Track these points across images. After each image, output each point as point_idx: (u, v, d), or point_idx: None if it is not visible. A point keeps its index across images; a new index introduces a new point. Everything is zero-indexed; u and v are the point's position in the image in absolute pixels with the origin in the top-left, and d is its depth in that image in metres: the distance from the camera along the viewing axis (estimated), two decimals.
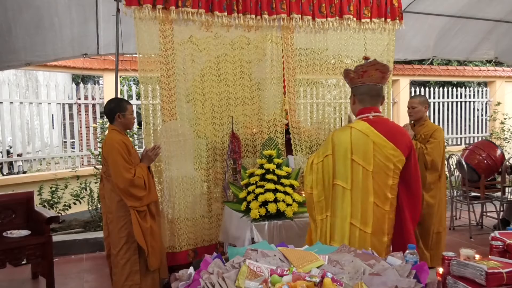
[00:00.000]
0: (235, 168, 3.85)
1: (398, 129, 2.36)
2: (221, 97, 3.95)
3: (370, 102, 2.35)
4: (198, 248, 3.86)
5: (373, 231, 2.27)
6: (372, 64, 2.32)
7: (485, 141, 5.99)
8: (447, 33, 5.64)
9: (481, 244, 4.81)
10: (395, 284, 1.46)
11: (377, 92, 2.36)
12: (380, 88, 2.37)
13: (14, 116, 6.71)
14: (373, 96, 2.35)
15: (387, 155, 2.24)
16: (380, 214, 2.27)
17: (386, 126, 2.31)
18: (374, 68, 2.31)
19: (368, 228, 2.26)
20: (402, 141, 2.28)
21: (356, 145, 2.29)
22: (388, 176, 2.26)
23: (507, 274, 1.47)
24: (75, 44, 4.87)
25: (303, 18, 3.99)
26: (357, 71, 2.37)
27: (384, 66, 2.32)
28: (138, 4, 3.51)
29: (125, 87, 8.48)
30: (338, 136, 2.36)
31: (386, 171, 2.25)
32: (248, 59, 4.04)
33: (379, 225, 2.28)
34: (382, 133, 2.26)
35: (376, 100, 2.36)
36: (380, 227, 2.29)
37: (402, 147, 2.26)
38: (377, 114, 2.34)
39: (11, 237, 3.71)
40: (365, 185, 2.27)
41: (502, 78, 9.66)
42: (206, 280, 1.48)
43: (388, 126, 2.32)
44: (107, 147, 3.23)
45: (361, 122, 2.33)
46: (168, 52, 3.73)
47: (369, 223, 2.26)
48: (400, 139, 2.28)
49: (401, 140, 2.28)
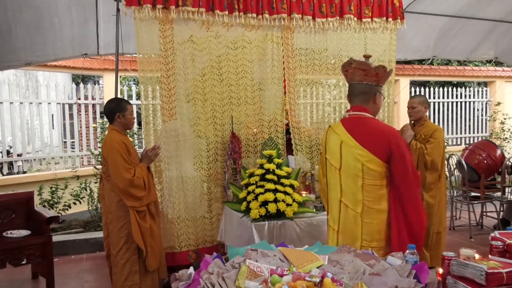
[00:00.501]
0: (235, 168, 3.85)
1: (376, 128, 2.24)
2: (221, 97, 3.95)
3: (354, 101, 2.34)
4: (200, 249, 3.86)
5: (340, 230, 2.29)
6: (350, 63, 2.32)
7: (485, 141, 5.99)
8: (447, 33, 5.64)
9: (481, 244, 4.81)
10: (395, 284, 1.46)
11: (360, 90, 2.30)
12: (366, 86, 2.29)
13: (14, 116, 6.70)
14: (356, 95, 2.32)
15: (355, 155, 2.21)
16: (350, 216, 2.24)
17: (359, 126, 2.25)
18: (352, 67, 2.30)
19: (336, 225, 2.30)
20: (374, 141, 2.19)
21: (328, 144, 2.37)
22: (357, 176, 2.21)
23: (507, 274, 1.47)
24: (75, 44, 4.87)
25: (304, 18, 3.99)
26: (342, 71, 2.41)
27: (361, 63, 2.29)
28: (138, 4, 3.51)
29: (125, 87, 8.48)
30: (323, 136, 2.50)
31: (354, 171, 2.22)
32: (249, 59, 4.03)
33: (349, 227, 2.25)
34: (351, 132, 2.25)
35: (360, 98, 2.30)
36: (351, 229, 2.24)
37: (373, 148, 2.18)
38: (356, 113, 2.29)
39: (11, 237, 3.70)
40: (334, 183, 2.32)
41: (502, 78, 9.66)
42: (206, 280, 1.48)
43: (361, 126, 2.25)
44: (106, 147, 3.23)
45: (339, 123, 2.38)
46: (168, 52, 3.73)
47: (336, 221, 2.30)
48: (373, 139, 2.20)
49: (373, 141, 2.20)
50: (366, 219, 2.21)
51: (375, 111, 2.32)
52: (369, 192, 2.20)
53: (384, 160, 2.18)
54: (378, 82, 2.29)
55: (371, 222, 2.20)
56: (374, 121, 2.28)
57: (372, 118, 2.28)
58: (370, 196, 2.20)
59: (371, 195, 2.20)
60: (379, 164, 2.18)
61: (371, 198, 2.20)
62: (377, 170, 2.18)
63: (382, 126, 2.29)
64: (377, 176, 2.19)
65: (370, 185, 2.20)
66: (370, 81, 2.28)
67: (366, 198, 2.20)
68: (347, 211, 2.25)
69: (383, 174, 2.20)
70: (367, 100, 2.29)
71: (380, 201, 2.21)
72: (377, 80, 2.28)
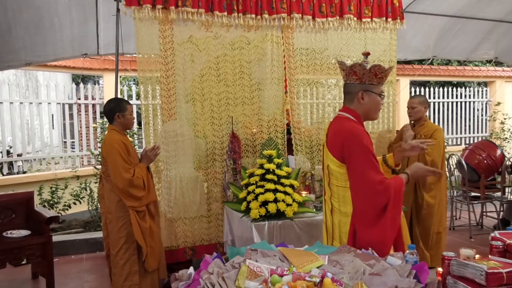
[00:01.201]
0: (235, 168, 3.85)
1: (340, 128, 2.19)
2: (220, 97, 3.95)
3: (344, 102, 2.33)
4: (197, 247, 3.87)
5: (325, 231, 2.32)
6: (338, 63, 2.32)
7: (485, 141, 5.99)
8: (447, 33, 5.64)
9: (481, 244, 4.81)
10: (395, 284, 1.46)
11: (345, 90, 2.29)
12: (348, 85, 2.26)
13: (14, 116, 6.71)
14: (344, 95, 2.32)
15: (325, 154, 2.25)
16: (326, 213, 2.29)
17: (335, 126, 2.25)
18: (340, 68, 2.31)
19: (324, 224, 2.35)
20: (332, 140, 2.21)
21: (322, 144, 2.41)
22: (326, 174, 2.25)
23: (507, 274, 1.47)
24: (75, 44, 4.87)
25: (304, 17, 3.99)
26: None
27: (340, 63, 2.27)
28: (138, 4, 3.51)
29: (125, 87, 8.48)
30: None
31: (325, 170, 2.27)
32: (248, 59, 4.03)
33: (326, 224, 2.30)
34: (328, 133, 2.28)
35: (345, 98, 2.29)
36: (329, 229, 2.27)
37: (331, 148, 2.19)
38: (339, 113, 2.28)
39: (11, 237, 3.71)
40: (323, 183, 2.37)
41: (502, 78, 9.66)
42: (206, 280, 1.48)
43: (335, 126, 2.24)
44: (106, 147, 3.23)
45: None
46: (167, 52, 3.73)
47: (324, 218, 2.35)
48: (333, 139, 2.20)
49: (332, 141, 2.20)
50: (335, 219, 2.21)
51: (364, 110, 2.22)
52: (335, 193, 2.20)
53: (339, 159, 2.14)
54: (361, 80, 2.21)
55: (339, 223, 2.19)
56: (347, 122, 2.20)
57: (347, 119, 2.21)
58: (336, 196, 2.20)
59: (337, 196, 2.19)
60: (337, 164, 2.15)
61: (337, 199, 2.20)
62: (337, 170, 2.16)
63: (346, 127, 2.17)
64: (339, 177, 2.16)
65: (334, 185, 2.20)
66: (351, 80, 2.24)
67: (333, 197, 2.22)
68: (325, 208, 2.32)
69: (346, 176, 2.15)
70: (351, 99, 2.25)
71: (345, 204, 2.16)
72: (358, 78, 2.21)
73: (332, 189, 2.22)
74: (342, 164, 2.14)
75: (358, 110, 2.22)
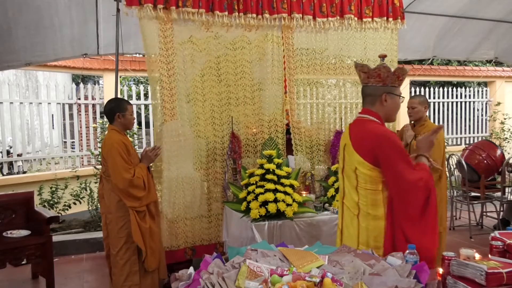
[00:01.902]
0: (235, 168, 3.85)
1: (368, 131, 2.18)
2: (221, 97, 3.95)
3: (363, 104, 2.32)
4: (197, 247, 3.87)
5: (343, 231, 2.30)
6: (355, 66, 2.32)
7: (485, 141, 5.99)
8: (447, 33, 5.64)
9: (481, 244, 4.81)
10: (395, 284, 1.46)
11: (366, 92, 2.28)
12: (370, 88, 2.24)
13: (14, 116, 6.70)
14: (364, 97, 2.31)
15: (350, 157, 2.23)
16: (349, 217, 2.23)
17: (358, 128, 2.24)
18: (358, 70, 2.30)
19: (340, 225, 2.33)
20: (361, 144, 2.18)
21: (340, 146, 2.39)
22: (353, 178, 2.21)
23: (507, 274, 1.47)
24: (75, 44, 4.87)
25: (304, 17, 3.99)
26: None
27: (362, 66, 2.26)
28: (139, 4, 3.51)
29: (125, 87, 8.48)
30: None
31: (351, 173, 2.23)
32: (249, 59, 4.03)
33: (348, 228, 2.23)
34: (351, 135, 2.26)
35: (366, 101, 2.28)
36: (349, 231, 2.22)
37: (360, 150, 2.16)
38: (361, 116, 2.27)
39: (11, 237, 3.71)
40: (340, 185, 2.36)
41: (502, 78, 9.66)
42: (206, 280, 1.48)
43: (360, 129, 2.24)
44: (106, 147, 3.23)
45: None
46: (168, 52, 3.73)
47: (340, 222, 2.33)
48: (361, 142, 2.18)
49: (361, 144, 2.18)
50: (363, 223, 2.17)
51: (387, 112, 2.23)
52: (363, 196, 2.16)
53: (371, 163, 2.12)
54: (384, 83, 2.22)
55: (366, 227, 2.15)
56: (372, 124, 2.20)
57: (372, 121, 2.20)
58: (365, 200, 2.16)
59: (366, 199, 2.15)
60: (368, 167, 2.13)
61: (366, 202, 2.15)
62: (368, 174, 2.13)
63: (376, 129, 2.17)
64: (369, 180, 2.14)
65: (363, 188, 2.16)
66: (374, 83, 2.23)
67: (361, 201, 2.17)
68: (348, 213, 2.26)
69: (377, 179, 2.13)
70: (373, 102, 2.24)
71: (375, 207, 2.14)
72: (381, 80, 2.21)
73: (361, 192, 2.17)
74: (374, 167, 2.12)
75: (380, 112, 2.22)
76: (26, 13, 4.11)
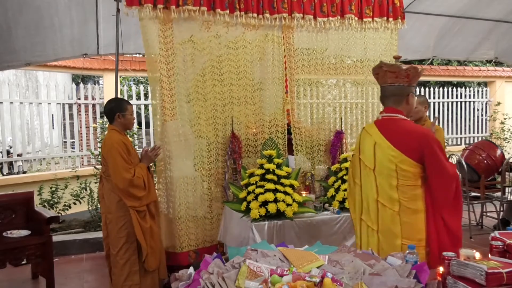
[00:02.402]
0: (235, 168, 3.85)
1: (408, 130, 2.27)
2: (221, 97, 3.95)
3: (386, 103, 2.39)
4: (200, 249, 3.85)
5: (380, 229, 2.30)
6: (380, 66, 2.36)
7: (485, 141, 5.99)
8: (447, 33, 5.64)
9: (481, 244, 4.80)
10: (395, 284, 1.46)
11: (392, 92, 2.34)
12: (397, 88, 2.32)
13: (14, 116, 6.70)
14: (387, 96, 2.37)
15: (387, 155, 2.25)
16: (388, 215, 2.26)
17: (392, 127, 2.30)
18: (383, 70, 2.34)
19: (374, 225, 2.31)
20: (404, 142, 2.23)
21: (362, 145, 2.40)
22: (391, 176, 2.24)
23: (507, 274, 1.47)
24: (75, 44, 4.86)
25: (305, 17, 4.00)
26: (373, 75, 2.45)
27: (391, 66, 2.32)
28: (139, 4, 3.51)
29: (125, 87, 8.48)
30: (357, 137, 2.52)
31: (388, 171, 2.25)
32: (249, 59, 4.03)
33: (387, 225, 2.26)
34: (384, 133, 2.29)
35: (391, 100, 2.35)
36: (388, 227, 2.26)
37: (404, 148, 2.21)
38: (388, 115, 2.34)
39: (11, 237, 3.70)
40: (369, 183, 2.33)
41: (502, 78, 9.66)
42: (206, 280, 1.48)
43: (394, 127, 2.30)
44: (106, 147, 3.23)
45: (372, 123, 2.42)
46: (168, 52, 3.73)
47: (374, 220, 2.31)
48: (405, 140, 2.24)
49: (404, 141, 2.23)
50: (404, 218, 2.23)
51: (408, 111, 2.36)
52: (404, 192, 2.23)
53: (416, 160, 2.21)
54: (410, 82, 2.31)
55: (408, 222, 2.22)
56: (407, 122, 2.31)
57: (405, 120, 2.32)
58: (405, 196, 2.23)
59: (406, 195, 2.23)
60: (412, 164, 2.21)
61: (407, 198, 2.23)
62: (411, 170, 2.21)
63: (414, 127, 2.30)
64: (411, 176, 2.22)
65: (404, 185, 2.23)
66: (401, 83, 2.31)
67: (402, 197, 2.24)
68: (385, 210, 2.27)
69: (418, 175, 2.24)
70: (400, 101, 2.33)
71: (415, 201, 2.23)
72: (408, 81, 2.30)
73: (401, 189, 2.24)
74: (417, 164, 2.22)
75: (405, 111, 2.34)
76: (26, 13, 4.11)
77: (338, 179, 3.62)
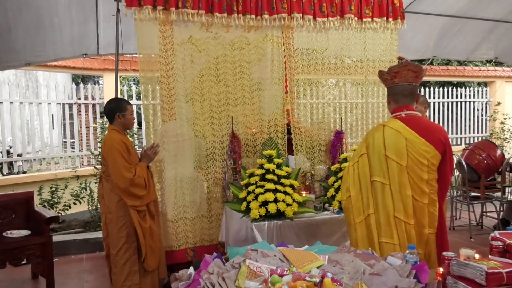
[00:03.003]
0: (235, 168, 3.85)
1: (431, 125, 2.46)
2: (220, 97, 3.95)
3: (403, 101, 2.46)
4: (197, 247, 3.86)
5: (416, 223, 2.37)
6: (404, 65, 2.43)
7: (485, 141, 5.99)
8: (447, 33, 5.64)
9: (481, 244, 4.81)
10: (395, 284, 1.46)
11: (410, 91, 2.45)
12: (414, 87, 2.46)
13: (14, 116, 6.70)
14: (406, 95, 2.45)
15: (420, 150, 2.33)
16: (419, 207, 2.35)
17: (419, 123, 2.40)
18: (406, 69, 2.42)
19: (411, 220, 2.36)
20: (435, 137, 2.35)
21: (389, 142, 2.40)
22: (422, 171, 2.33)
23: (507, 274, 1.47)
24: (75, 44, 4.86)
25: (304, 17, 3.99)
26: (390, 72, 2.49)
27: (416, 66, 2.43)
28: (139, 5, 3.51)
29: (125, 87, 8.48)
30: (372, 135, 2.49)
31: (420, 166, 2.33)
32: (248, 59, 4.03)
33: (418, 217, 2.35)
34: (414, 129, 2.36)
35: (409, 99, 2.45)
36: (419, 219, 2.35)
37: (435, 143, 2.33)
38: (410, 112, 2.43)
39: (11, 237, 3.70)
40: (401, 180, 2.36)
41: (502, 78, 9.66)
42: (206, 280, 1.48)
43: (420, 123, 2.41)
44: (106, 147, 3.23)
45: (394, 120, 2.45)
46: (168, 53, 3.73)
47: (411, 215, 2.36)
48: (433, 135, 2.36)
49: (433, 136, 2.35)
50: (431, 209, 2.36)
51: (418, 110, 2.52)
52: (431, 186, 2.36)
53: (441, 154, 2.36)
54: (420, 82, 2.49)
55: (433, 212, 2.36)
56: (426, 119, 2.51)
57: (422, 117, 2.49)
58: (432, 188, 2.36)
59: (433, 188, 2.36)
60: (438, 158, 2.35)
61: (433, 190, 2.37)
62: (436, 164, 2.35)
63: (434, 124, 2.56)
64: (435, 170, 2.36)
65: (433, 179, 2.36)
66: (417, 82, 2.46)
67: (430, 190, 2.35)
68: (418, 204, 2.35)
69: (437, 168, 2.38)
70: (414, 100, 2.48)
71: (435, 193, 2.38)
72: (420, 81, 2.48)
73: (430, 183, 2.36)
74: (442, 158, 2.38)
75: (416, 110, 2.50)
76: (26, 13, 4.11)
77: (338, 179, 3.62)
